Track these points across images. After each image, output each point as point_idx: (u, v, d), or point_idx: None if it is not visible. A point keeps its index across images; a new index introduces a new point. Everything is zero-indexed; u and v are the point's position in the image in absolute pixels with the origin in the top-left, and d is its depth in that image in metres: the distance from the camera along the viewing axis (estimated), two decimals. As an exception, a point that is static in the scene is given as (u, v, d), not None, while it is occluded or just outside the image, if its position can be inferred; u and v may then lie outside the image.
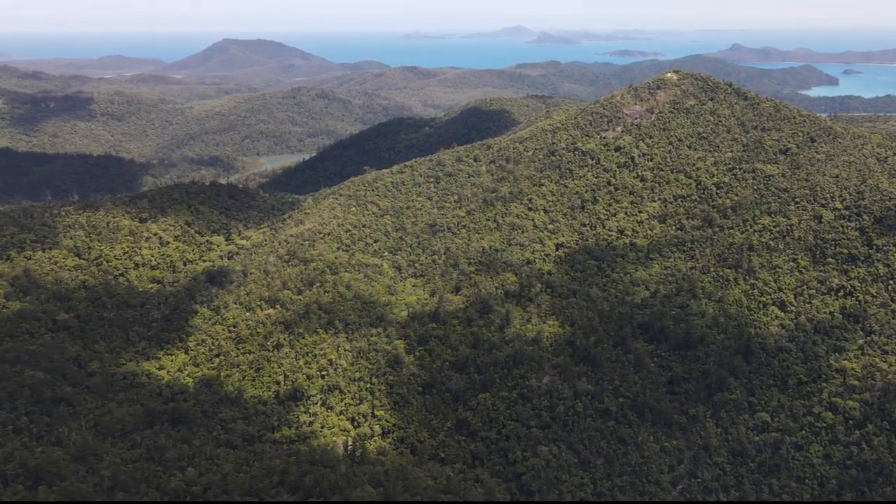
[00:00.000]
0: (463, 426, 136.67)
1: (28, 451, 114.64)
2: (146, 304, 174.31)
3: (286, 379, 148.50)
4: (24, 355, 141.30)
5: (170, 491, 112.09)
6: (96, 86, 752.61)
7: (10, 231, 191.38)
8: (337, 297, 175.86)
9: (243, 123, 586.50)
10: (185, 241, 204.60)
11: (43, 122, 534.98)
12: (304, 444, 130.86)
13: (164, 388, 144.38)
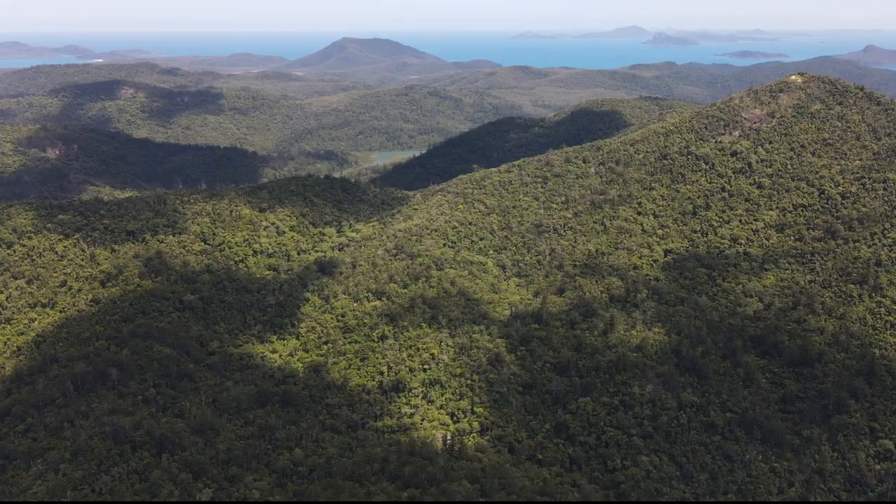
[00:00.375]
0: (562, 429, 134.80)
1: (154, 421, 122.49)
2: (262, 290, 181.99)
3: (389, 370, 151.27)
4: (154, 332, 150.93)
5: (278, 469, 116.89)
6: (226, 82, 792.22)
7: (146, 216, 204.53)
8: (441, 293, 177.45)
9: (358, 119, 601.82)
10: (300, 231, 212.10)
11: (177, 115, 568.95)
12: (404, 434, 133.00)
13: (276, 371, 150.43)
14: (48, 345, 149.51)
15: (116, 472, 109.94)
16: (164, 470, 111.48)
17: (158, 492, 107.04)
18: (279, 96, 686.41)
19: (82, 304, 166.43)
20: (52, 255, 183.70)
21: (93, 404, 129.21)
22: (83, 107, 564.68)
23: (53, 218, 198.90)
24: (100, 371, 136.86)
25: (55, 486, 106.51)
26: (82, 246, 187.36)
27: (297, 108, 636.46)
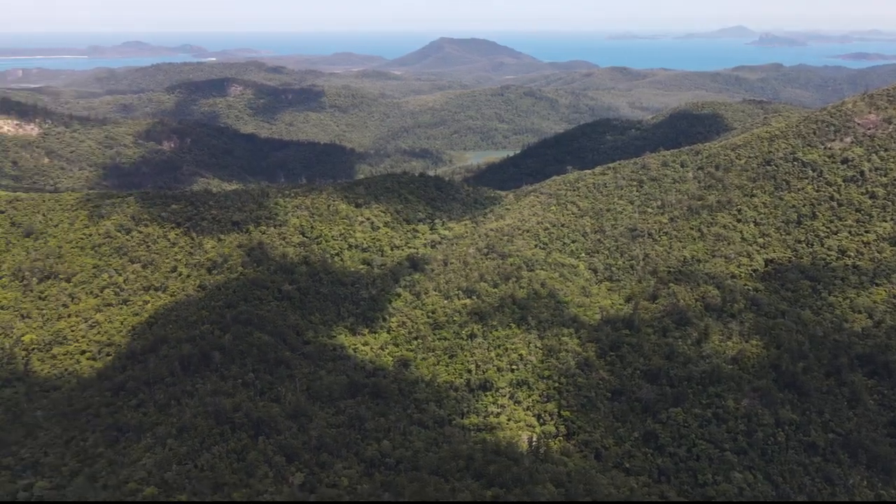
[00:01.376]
0: (651, 438, 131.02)
1: (252, 404, 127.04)
2: (356, 284, 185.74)
3: (477, 368, 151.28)
4: (255, 319, 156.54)
5: (366, 458, 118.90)
6: (327, 80, 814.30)
7: (250, 207, 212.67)
8: (531, 294, 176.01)
9: (453, 119, 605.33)
10: (394, 227, 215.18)
11: (281, 112, 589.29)
12: (489, 433, 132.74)
13: (367, 363, 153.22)
14: (159, 326, 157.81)
15: (217, 451, 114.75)
16: (260, 451, 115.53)
17: (254, 472, 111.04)
18: (377, 95, 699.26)
19: (190, 290, 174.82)
20: (164, 242, 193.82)
21: (197, 384, 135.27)
22: (196, 102, 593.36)
23: (167, 207, 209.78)
24: (204, 353, 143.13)
25: (162, 459, 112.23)
26: (192, 234, 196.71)
27: (394, 107, 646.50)
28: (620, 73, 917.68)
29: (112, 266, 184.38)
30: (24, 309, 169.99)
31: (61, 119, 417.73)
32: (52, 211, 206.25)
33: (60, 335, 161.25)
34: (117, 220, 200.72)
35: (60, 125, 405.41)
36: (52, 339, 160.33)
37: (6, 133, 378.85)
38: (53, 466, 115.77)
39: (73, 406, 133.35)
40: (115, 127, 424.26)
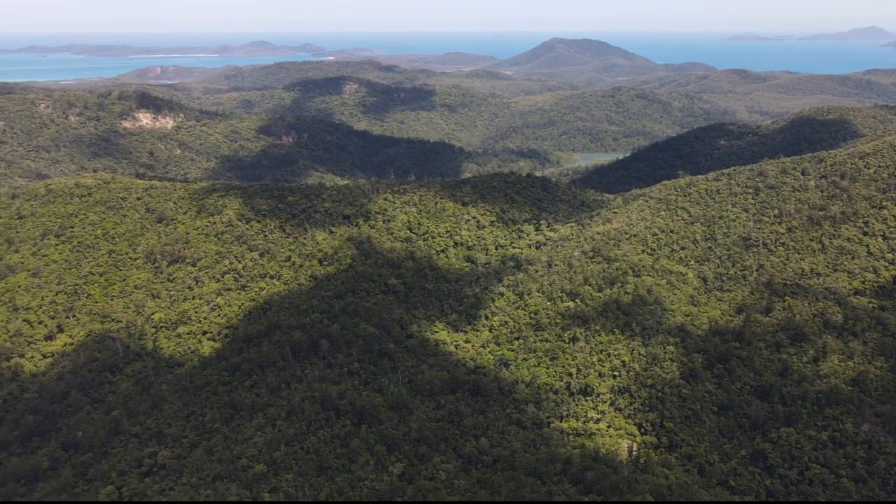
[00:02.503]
0: (759, 458, 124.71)
1: (357, 393, 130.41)
2: (460, 281, 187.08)
3: (578, 372, 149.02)
4: (361, 310, 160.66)
5: (464, 454, 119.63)
6: (438, 79, 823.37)
7: (361, 202, 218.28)
8: (636, 300, 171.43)
9: (562, 120, 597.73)
10: (499, 226, 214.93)
11: (393, 110, 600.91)
12: (588, 439, 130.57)
13: (468, 361, 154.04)
14: (273, 312, 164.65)
15: (322, 435, 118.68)
16: (362, 439, 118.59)
17: (356, 458, 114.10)
18: (487, 94, 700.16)
19: (302, 279, 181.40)
20: (280, 232, 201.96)
21: (306, 370, 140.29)
22: (313, 99, 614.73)
23: (284, 199, 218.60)
24: (313, 341, 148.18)
25: (272, 438, 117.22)
26: (306, 226, 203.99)
27: (503, 107, 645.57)
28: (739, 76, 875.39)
29: (233, 253, 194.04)
30: (154, 289, 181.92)
31: (192, 113, 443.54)
32: (182, 199, 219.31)
33: (185, 315, 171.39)
34: (239, 209, 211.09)
35: (192, 119, 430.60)
36: (177, 318, 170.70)
37: (144, 126, 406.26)
38: (175, 437, 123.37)
39: (194, 383, 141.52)
40: (239, 122, 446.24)
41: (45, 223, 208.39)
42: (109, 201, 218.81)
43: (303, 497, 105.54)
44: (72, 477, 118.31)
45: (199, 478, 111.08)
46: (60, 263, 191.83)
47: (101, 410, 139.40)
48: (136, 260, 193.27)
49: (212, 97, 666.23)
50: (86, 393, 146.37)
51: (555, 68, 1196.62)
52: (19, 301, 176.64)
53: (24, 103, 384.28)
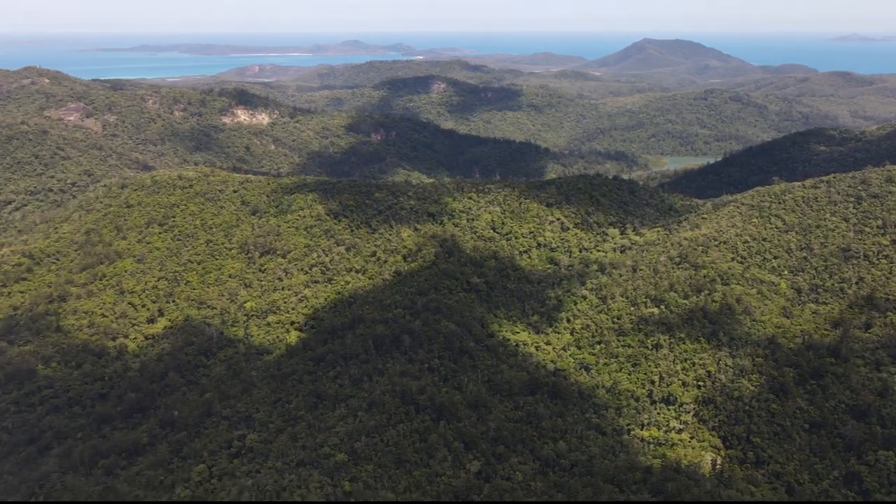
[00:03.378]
0: (854, 480, 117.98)
1: (436, 389, 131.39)
2: (542, 282, 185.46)
3: (661, 380, 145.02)
4: (443, 308, 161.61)
5: (542, 457, 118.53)
6: (526, 79, 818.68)
7: (445, 200, 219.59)
8: (724, 309, 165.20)
9: (651, 122, 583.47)
10: (584, 229, 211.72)
11: (480, 109, 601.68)
12: (670, 449, 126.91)
13: (548, 362, 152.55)
14: (357, 306, 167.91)
15: (401, 429, 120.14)
16: (440, 435, 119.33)
17: (434, 453, 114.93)
18: (575, 95, 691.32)
19: (386, 275, 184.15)
20: (366, 228, 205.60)
21: (387, 364, 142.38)
22: (402, 98, 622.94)
23: (372, 195, 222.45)
24: (395, 336, 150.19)
25: (353, 429, 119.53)
26: (391, 222, 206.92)
27: (591, 108, 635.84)
28: (842, 79, 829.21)
29: (321, 247, 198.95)
30: (247, 279, 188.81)
31: (286, 110, 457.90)
32: (275, 193, 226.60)
33: (275, 305, 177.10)
34: (327, 204, 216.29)
35: (286, 116, 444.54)
36: (267, 308, 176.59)
37: (242, 122, 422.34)
38: (262, 422, 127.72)
39: (281, 370, 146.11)
40: (330, 119, 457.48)
41: (149, 212, 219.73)
42: (208, 193, 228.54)
43: (381, 488, 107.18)
44: (168, 453, 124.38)
45: (284, 462, 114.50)
46: (162, 251, 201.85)
47: (195, 392, 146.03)
48: (230, 250, 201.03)
49: (305, 95, 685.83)
50: (182, 374, 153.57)
51: (645, 69, 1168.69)
52: (125, 285, 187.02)
53: (135, 99, 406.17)
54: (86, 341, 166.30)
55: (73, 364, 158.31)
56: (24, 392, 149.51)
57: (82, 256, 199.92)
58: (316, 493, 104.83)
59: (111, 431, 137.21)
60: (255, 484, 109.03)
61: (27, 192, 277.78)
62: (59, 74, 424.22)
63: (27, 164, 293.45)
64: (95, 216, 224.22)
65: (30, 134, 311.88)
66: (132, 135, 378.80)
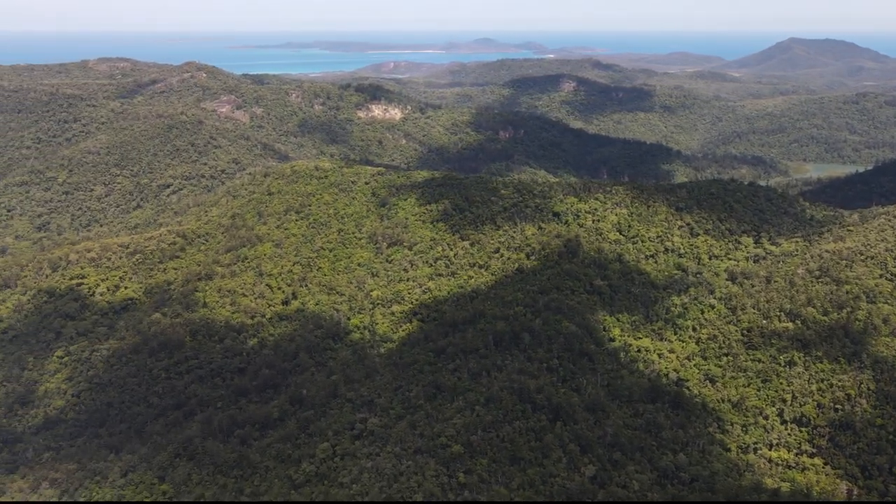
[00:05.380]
0: None
1: (554, 389, 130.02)
2: (668, 289, 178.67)
3: (793, 399, 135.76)
4: (565, 308, 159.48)
5: (660, 467, 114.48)
6: (659, 80, 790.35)
7: (571, 200, 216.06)
8: (869, 328, 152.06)
9: (794, 126, 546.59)
10: (715, 235, 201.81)
11: (610, 109, 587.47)
12: (801, 473, 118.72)
13: (671, 371, 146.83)
14: (479, 301, 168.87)
15: (517, 426, 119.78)
16: (556, 436, 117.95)
17: (549, 454, 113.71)
18: (711, 97, 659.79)
19: (509, 272, 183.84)
20: (491, 225, 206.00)
21: (506, 361, 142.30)
22: (531, 96, 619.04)
23: (497, 192, 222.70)
24: (515, 333, 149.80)
25: (469, 422, 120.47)
26: (516, 220, 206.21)
27: (727, 110, 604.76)
28: None
29: (445, 241, 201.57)
30: (374, 268, 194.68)
31: (418, 106, 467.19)
32: (404, 186, 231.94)
33: (399, 295, 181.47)
34: (454, 199, 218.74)
35: (417, 112, 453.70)
36: (392, 297, 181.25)
37: (375, 116, 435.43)
38: (384, 408, 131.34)
39: (403, 359, 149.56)
40: (460, 115, 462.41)
41: (288, 200, 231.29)
42: (342, 184, 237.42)
43: (495, 483, 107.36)
44: (296, 429, 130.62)
45: (402, 448, 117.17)
46: (298, 237, 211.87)
47: (322, 373, 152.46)
48: (360, 240, 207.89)
49: (436, 91, 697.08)
50: (311, 356, 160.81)
51: (789, 71, 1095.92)
52: (264, 267, 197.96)
53: (280, 93, 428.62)
54: (228, 318, 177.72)
55: (216, 338, 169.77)
56: (174, 360, 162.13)
57: (227, 239, 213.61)
58: (431, 482, 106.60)
59: (246, 404, 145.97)
60: (374, 466, 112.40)
61: (183, 177, 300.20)
62: (214, 69, 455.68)
63: (184, 151, 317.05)
64: (240, 202, 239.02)
65: (187, 124, 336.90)
66: (276, 126, 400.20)
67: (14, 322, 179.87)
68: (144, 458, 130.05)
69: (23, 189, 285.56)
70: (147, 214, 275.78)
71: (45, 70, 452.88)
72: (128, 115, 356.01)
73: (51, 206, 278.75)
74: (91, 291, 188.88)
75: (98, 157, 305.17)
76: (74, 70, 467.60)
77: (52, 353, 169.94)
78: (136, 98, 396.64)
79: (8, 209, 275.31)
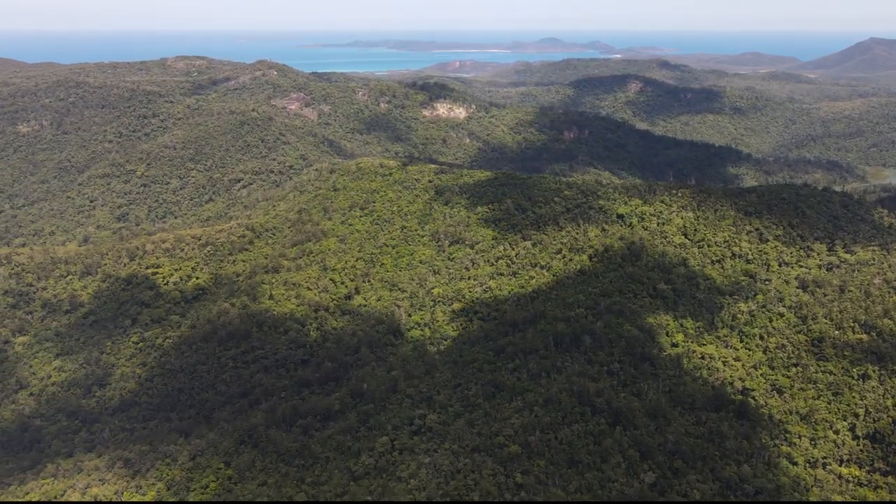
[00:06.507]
0: None
1: (614, 393, 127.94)
2: (735, 295, 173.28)
3: (867, 414, 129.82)
4: (627, 311, 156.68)
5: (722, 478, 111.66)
6: (730, 81, 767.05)
7: (635, 202, 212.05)
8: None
9: (873, 130, 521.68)
10: (785, 241, 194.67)
11: (678, 111, 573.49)
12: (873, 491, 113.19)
13: (736, 380, 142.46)
14: (539, 302, 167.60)
15: (576, 429, 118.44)
16: (615, 440, 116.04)
17: (608, 458, 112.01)
18: (784, 99, 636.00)
19: (571, 273, 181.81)
20: (554, 225, 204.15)
21: (566, 362, 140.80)
22: (596, 97, 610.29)
23: (561, 193, 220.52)
24: (576, 335, 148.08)
25: (528, 423, 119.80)
26: (579, 221, 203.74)
27: (802, 113, 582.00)
28: None
29: (507, 240, 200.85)
30: (436, 266, 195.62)
31: (482, 105, 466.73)
32: (467, 185, 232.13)
33: (460, 293, 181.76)
34: (516, 199, 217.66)
35: (481, 111, 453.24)
36: (453, 295, 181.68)
37: (440, 115, 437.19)
38: (442, 405, 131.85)
39: (462, 357, 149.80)
40: (524, 115, 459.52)
41: (353, 196, 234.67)
42: (406, 182, 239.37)
43: (552, 485, 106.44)
44: (356, 422, 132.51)
45: (460, 446, 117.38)
46: (362, 233, 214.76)
47: (383, 368, 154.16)
48: (422, 237, 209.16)
49: (501, 90, 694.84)
50: (372, 350, 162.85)
51: (870, 72, 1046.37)
52: (328, 262, 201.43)
53: (347, 91, 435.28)
54: (292, 310, 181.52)
55: (281, 330, 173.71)
56: (241, 350, 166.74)
57: (294, 233, 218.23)
58: (488, 481, 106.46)
59: (309, 395, 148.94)
60: (432, 462, 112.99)
61: (253, 172, 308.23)
62: (285, 67, 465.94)
63: (254, 147, 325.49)
64: (307, 197, 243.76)
65: (258, 120, 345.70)
66: (342, 123, 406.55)
67: (94, 307, 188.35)
68: (212, 443, 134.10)
69: (104, 181, 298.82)
70: (218, 208, 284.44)
71: (127, 67, 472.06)
72: (202, 111, 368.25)
73: (129, 197, 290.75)
74: (165, 280, 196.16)
75: (174, 151, 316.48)
76: (154, 67, 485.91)
77: (128, 339, 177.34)
78: (211, 94, 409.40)
79: (91, 200, 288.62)
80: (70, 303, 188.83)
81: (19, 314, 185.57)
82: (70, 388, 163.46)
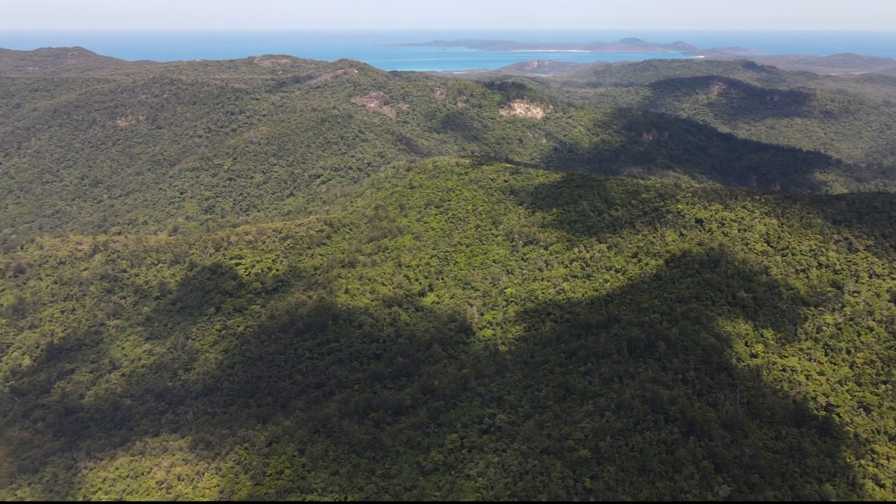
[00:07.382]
0: None
1: (688, 402, 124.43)
2: (820, 306, 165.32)
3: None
4: (703, 318, 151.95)
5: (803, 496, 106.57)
6: (820, 83, 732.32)
7: (715, 207, 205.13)
8: None
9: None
10: (877, 252, 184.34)
11: (763, 114, 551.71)
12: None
13: (820, 395, 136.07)
14: (614, 305, 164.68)
15: (648, 436, 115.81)
16: (689, 451, 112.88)
17: (681, 469, 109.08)
18: (879, 102, 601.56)
19: (647, 277, 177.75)
20: (630, 228, 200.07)
21: (640, 368, 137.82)
22: (677, 98, 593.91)
23: (638, 196, 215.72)
24: (650, 340, 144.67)
25: (598, 427, 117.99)
26: (656, 225, 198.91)
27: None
28: None
29: (582, 242, 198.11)
30: (509, 265, 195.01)
31: (560, 105, 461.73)
32: (543, 185, 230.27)
33: (533, 294, 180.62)
34: (592, 201, 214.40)
35: (559, 111, 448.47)
36: (526, 296, 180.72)
37: (517, 114, 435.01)
38: (512, 405, 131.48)
39: (533, 359, 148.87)
40: (603, 116, 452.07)
41: (428, 194, 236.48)
42: (481, 181, 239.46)
43: (621, 492, 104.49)
44: (426, 418, 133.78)
45: (529, 447, 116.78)
46: (437, 231, 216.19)
47: (454, 366, 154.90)
48: (496, 237, 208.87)
49: (579, 90, 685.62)
50: (444, 348, 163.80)
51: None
52: (403, 259, 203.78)
53: (425, 90, 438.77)
54: (367, 305, 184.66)
55: (356, 324, 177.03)
56: (317, 342, 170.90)
57: (370, 229, 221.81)
58: (557, 483, 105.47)
59: (381, 389, 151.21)
60: (500, 462, 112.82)
61: (332, 168, 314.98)
62: (365, 66, 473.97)
63: (334, 143, 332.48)
64: (384, 194, 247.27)
65: (339, 118, 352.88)
66: (420, 122, 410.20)
67: (181, 294, 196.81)
68: (287, 430, 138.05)
69: (194, 174, 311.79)
70: (299, 202, 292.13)
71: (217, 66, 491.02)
72: (286, 108, 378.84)
73: (216, 190, 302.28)
74: (247, 271, 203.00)
75: (259, 147, 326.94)
76: (242, 66, 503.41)
77: (212, 326, 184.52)
78: (294, 92, 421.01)
79: (181, 192, 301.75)
80: (160, 289, 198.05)
81: (114, 298, 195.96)
82: (158, 371, 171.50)
